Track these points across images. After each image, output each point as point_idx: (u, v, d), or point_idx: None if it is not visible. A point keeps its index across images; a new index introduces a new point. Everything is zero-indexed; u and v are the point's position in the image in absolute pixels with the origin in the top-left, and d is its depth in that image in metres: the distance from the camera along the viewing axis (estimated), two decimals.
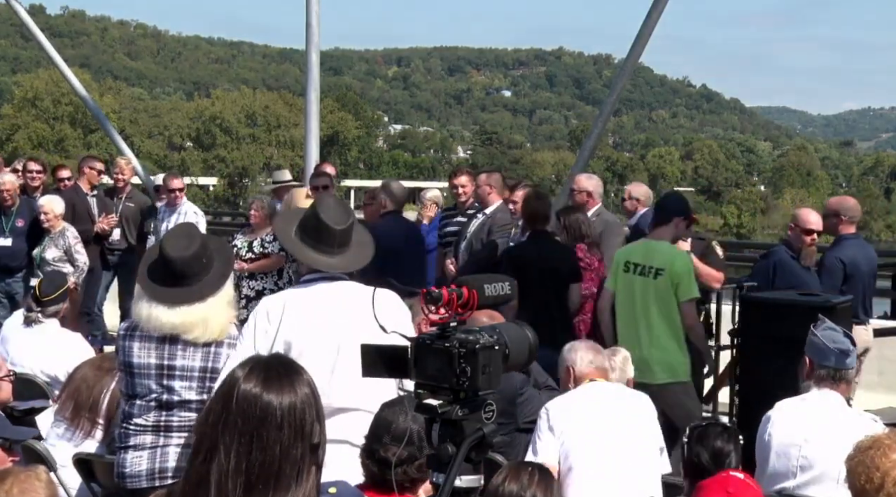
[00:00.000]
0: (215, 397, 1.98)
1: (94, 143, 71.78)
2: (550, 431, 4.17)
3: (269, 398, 1.91)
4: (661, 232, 5.99)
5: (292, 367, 2.01)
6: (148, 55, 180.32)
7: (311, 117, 10.54)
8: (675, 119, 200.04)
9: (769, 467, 4.05)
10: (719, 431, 3.65)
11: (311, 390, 1.97)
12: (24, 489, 3.00)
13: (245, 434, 1.89)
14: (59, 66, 12.27)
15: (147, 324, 3.87)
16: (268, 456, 1.89)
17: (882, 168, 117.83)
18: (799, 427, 4.00)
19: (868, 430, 3.56)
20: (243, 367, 1.98)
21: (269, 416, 1.90)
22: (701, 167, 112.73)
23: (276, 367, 1.98)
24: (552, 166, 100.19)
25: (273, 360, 2.04)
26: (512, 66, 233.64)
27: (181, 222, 7.90)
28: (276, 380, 1.94)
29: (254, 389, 1.92)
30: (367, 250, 4.06)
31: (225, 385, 1.96)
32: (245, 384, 1.92)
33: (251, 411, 1.90)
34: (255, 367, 1.97)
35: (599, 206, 7.84)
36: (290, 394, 1.93)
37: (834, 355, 4.10)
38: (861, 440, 3.17)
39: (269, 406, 1.90)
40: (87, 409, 4.47)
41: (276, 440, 1.89)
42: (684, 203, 6.34)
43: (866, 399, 7.29)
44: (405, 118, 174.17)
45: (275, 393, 1.92)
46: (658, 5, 8.50)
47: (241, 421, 1.89)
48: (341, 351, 3.74)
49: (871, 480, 3.02)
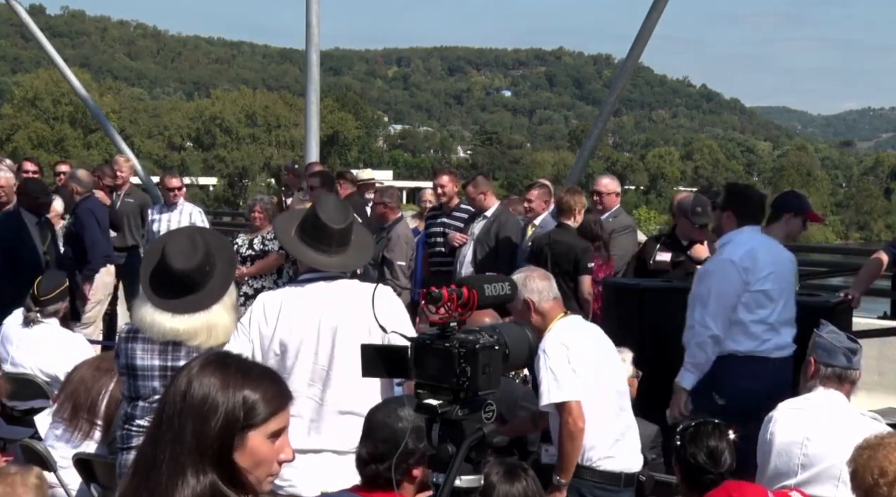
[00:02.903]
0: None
1: (94, 143, 71.83)
2: (574, 372, 4.12)
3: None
4: (771, 229, 5.59)
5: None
6: (148, 55, 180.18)
7: (311, 117, 10.56)
8: (675, 119, 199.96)
9: (769, 467, 4.05)
10: (711, 430, 3.62)
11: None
12: (5, 493, 2.99)
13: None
14: (59, 66, 12.29)
15: (150, 330, 3.84)
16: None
17: (882, 168, 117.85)
18: (802, 426, 4.00)
19: (872, 430, 3.56)
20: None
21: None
22: (701, 167, 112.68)
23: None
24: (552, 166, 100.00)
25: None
26: (512, 66, 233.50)
27: (184, 226, 7.91)
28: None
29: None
30: (367, 250, 4.06)
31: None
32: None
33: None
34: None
35: (618, 207, 8.19)
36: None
37: (843, 354, 4.10)
38: (868, 437, 3.17)
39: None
40: (85, 410, 4.46)
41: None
42: (796, 198, 5.86)
43: (866, 399, 7.29)
44: (405, 118, 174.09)
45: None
46: (658, 5, 8.51)
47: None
48: (338, 351, 3.74)
49: (886, 474, 3.03)
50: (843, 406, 4.08)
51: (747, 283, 5.15)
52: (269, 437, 1.94)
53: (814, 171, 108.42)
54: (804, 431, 3.98)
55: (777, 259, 5.30)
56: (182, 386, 1.93)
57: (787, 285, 5.31)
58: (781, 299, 5.23)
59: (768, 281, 5.19)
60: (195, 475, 1.87)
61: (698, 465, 3.56)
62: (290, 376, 3.65)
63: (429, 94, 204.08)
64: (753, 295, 5.16)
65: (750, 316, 5.16)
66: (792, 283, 5.41)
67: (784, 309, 5.24)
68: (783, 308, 5.23)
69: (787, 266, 5.37)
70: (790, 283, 5.36)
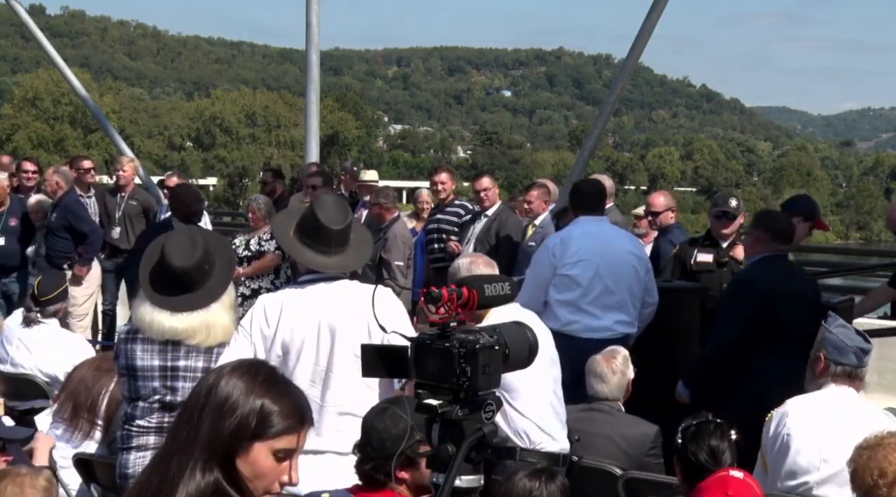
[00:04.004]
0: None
1: (94, 143, 71.75)
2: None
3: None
4: None
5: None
6: (148, 55, 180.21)
7: (311, 117, 10.54)
8: (675, 119, 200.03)
9: (786, 464, 4.00)
10: (712, 429, 3.61)
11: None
12: (13, 493, 3.00)
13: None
14: (59, 66, 12.26)
15: (149, 329, 3.85)
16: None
17: (882, 168, 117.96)
18: (817, 423, 3.96)
19: (886, 426, 3.53)
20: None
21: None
22: (701, 167, 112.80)
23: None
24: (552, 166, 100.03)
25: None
26: (512, 66, 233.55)
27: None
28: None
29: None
30: (366, 250, 4.05)
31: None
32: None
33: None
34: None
35: (611, 205, 7.99)
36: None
37: (854, 353, 4.09)
38: (868, 437, 3.16)
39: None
40: (85, 410, 4.46)
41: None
42: (809, 204, 5.96)
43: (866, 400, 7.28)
44: (405, 118, 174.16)
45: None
46: (658, 5, 8.49)
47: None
48: (339, 352, 3.74)
49: (885, 475, 3.02)
50: (858, 403, 4.06)
51: (555, 267, 5.67)
52: (275, 454, 1.93)
53: (814, 171, 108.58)
54: (821, 429, 3.94)
55: (602, 250, 5.71)
56: (210, 382, 1.96)
57: (610, 274, 5.66)
58: (598, 286, 5.63)
59: (576, 267, 5.65)
60: (202, 470, 1.90)
61: (699, 464, 3.55)
62: (292, 377, 3.64)
63: (429, 94, 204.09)
64: (560, 278, 5.64)
65: (557, 296, 5.64)
66: (626, 274, 5.70)
67: (604, 294, 5.63)
68: (602, 293, 5.63)
69: (620, 257, 5.73)
70: (619, 273, 5.67)
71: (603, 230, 5.84)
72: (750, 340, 5.21)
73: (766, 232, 5.44)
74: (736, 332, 5.24)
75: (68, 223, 8.77)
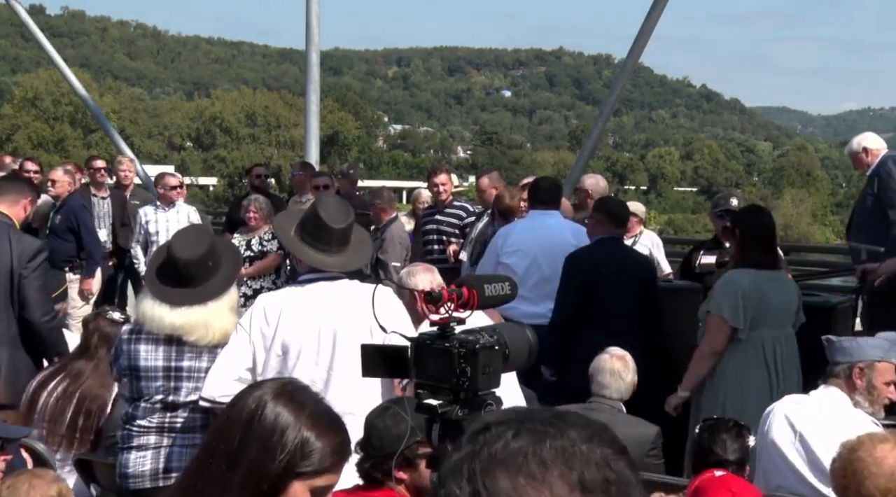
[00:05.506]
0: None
1: (94, 143, 71.72)
2: None
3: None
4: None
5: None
6: (148, 55, 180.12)
7: (311, 117, 10.54)
8: (675, 119, 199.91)
9: (766, 463, 4.03)
10: (730, 426, 3.74)
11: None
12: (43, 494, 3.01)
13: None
14: (59, 66, 12.27)
15: (150, 323, 3.87)
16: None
17: None
18: (798, 423, 3.98)
19: (868, 429, 3.54)
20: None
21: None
22: (701, 167, 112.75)
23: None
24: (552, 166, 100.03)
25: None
26: (512, 66, 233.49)
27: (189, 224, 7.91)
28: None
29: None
30: (367, 249, 4.05)
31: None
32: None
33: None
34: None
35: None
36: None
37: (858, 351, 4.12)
38: (850, 438, 3.16)
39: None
40: (59, 434, 4.48)
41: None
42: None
43: None
44: (405, 118, 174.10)
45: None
46: (658, 5, 8.50)
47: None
48: (339, 352, 3.74)
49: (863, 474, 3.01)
50: (845, 404, 4.06)
51: (498, 255, 6.21)
52: (312, 491, 1.83)
53: (814, 171, 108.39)
54: (800, 429, 3.96)
55: (541, 241, 6.14)
56: (250, 406, 1.82)
57: (548, 263, 6.05)
58: (535, 274, 6.07)
59: (513, 256, 6.15)
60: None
61: (707, 448, 3.69)
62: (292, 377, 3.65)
63: (429, 94, 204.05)
64: (501, 266, 6.08)
65: None
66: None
67: (541, 283, 6.03)
68: (539, 282, 6.04)
69: (560, 247, 6.00)
70: (558, 263, 5.90)
71: (547, 223, 6.26)
72: (580, 315, 5.71)
73: (604, 215, 5.98)
74: (569, 306, 5.74)
75: (73, 225, 8.75)
